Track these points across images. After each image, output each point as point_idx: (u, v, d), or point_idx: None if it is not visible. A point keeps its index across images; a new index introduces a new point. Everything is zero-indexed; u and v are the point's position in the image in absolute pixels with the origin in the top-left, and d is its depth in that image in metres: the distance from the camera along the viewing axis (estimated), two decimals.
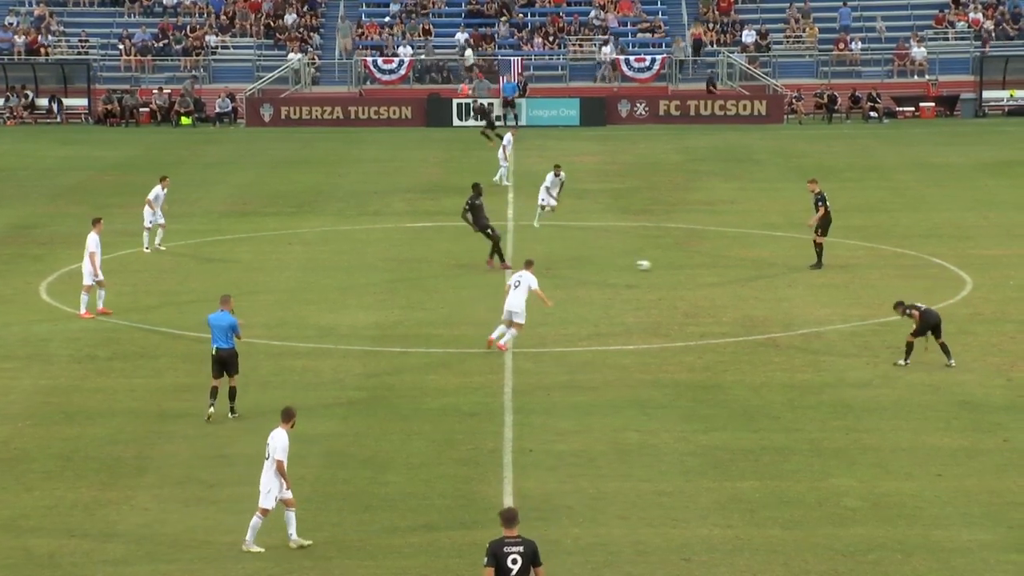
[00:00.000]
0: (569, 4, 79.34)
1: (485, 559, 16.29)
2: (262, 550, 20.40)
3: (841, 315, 33.00)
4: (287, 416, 20.93)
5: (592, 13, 78.12)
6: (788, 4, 78.33)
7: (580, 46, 76.44)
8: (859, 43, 76.16)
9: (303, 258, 40.76)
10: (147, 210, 40.59)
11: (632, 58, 74.71)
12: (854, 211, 44.96)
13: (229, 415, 26.23)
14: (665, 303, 34.61)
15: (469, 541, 20.69)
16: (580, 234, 43.36)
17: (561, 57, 75.92)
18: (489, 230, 38.38)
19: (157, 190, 40.77)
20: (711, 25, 77.21)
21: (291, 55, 75.57)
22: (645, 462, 23.91)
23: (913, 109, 72.67)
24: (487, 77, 73.39)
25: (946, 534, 20.96)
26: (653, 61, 74.48)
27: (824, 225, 37.87)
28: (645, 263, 37.34)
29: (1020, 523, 21.29)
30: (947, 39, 76.55)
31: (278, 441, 20.57)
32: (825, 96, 72.50)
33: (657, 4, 79.49)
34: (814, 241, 38.04)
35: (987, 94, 73.00)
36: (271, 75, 74.04)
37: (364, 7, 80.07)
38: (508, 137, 52.67)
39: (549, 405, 26.94)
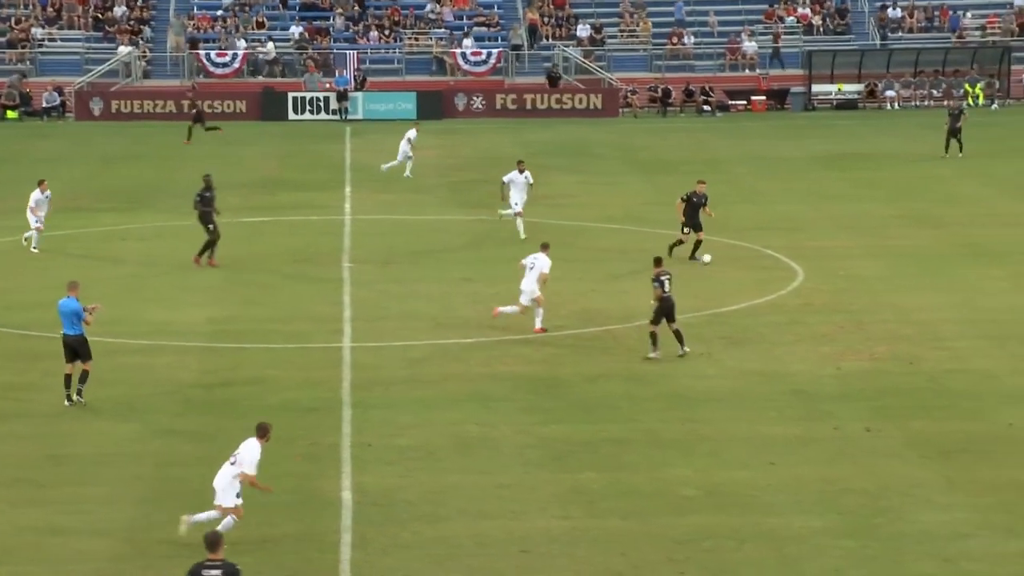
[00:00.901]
0: None
1: None
2: None
3: (677, 307, 33.32)
4: (262, 432, 20.54)
5: (428, 7, 77.98)
6: None
7: (416, 39, 76.28)
8: (692, 37, 77.10)
9: (137, 254, 40.10)
10: (31, 215, 39.70)
11: (468, 51, 74.73)
12: None
13: (76, 396, 26.03)
14: (504, 297, 34.63)
15: (309, 536, 20.57)
16: (419, 228, 43.27)
17: (397, 51, 75.69)
18: (211, 226, 37.97)
19: (36, 195, 39.85)
20: (546, 19, 77.56)
21: (121, 48, 74.20)
22: (485, 455, 23.96)
23: (745, 103, 73.73)
24: (322, 71, 72.88)
25: (780, 521, 21.30)
26: (489, 55, 74.60)
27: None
28: (707, 257, 37.37)
29: (851, 509, 21.72)
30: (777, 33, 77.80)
31: (248, 453, 20.20)
32: (659, 90, 73.24)
33: None
34: (679, 240, 38.40)
35: (816, 88, 74.36)
36: (101, 68, 72.68)
37: None
38: (412, 132, 52.85)
39: (389, 399, 26.86)
